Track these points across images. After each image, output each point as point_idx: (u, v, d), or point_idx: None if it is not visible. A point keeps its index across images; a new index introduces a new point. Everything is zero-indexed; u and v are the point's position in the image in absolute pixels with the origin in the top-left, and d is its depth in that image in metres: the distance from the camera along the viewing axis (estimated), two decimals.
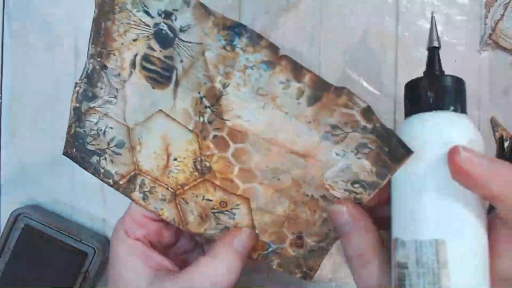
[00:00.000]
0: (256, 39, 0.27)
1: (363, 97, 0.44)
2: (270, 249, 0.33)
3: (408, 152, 0.27)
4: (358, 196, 0.29)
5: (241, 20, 0.44)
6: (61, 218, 0.45)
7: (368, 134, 0.28)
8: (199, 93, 0.30)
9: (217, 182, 0.32)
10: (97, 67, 0.32)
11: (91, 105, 0.34)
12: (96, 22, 0.32)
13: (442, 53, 0.45)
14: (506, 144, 0.45)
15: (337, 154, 0.29)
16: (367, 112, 0.28)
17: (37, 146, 0.45)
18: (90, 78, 0.33)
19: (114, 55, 0.31)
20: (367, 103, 0.28)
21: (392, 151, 0.27)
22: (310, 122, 0.28)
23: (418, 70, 0.45)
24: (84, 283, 0.43)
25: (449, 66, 0.44)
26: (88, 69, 0.33)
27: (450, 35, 0.45)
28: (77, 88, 0.34)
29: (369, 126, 0.28)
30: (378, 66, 0.45)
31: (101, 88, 0.33)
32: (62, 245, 0.42)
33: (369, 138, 0.28)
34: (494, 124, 0.45)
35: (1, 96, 0.45)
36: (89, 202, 0.45)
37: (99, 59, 0.32)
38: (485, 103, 0.45)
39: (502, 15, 0.44)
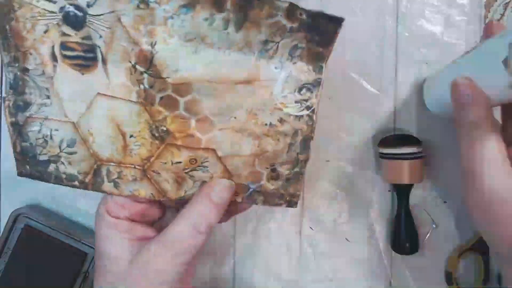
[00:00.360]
0: None
1: (363, 97, 0.44)
2: (251, 189, 0.34)
3: (338, 22, 0.28)
4: (308, 103, 0.31)
5: None
6: (61, 218, 0.45)
7: (295, 34, 0.28)
8: (130, 61, 0.29)
9: (179, 142, 0.31)
10: (18, 73, 0.31)
11: (27, 114, 0.32)
12: (0, 28, 0.30)
13: (442, 53, 0.45)
14: None
15: (276, 68, 0.30)
16: (291, 11, 0.28)
17: None
18: (15, 88, 0.31)
19: (31, 54, 0.30)
20: (288, 1, 0.27)
21: (323, 33, 0.28)
22: (243, 47, 0.29)
23: (418, 70, 0.45)
24: (84, 283, 0.43)
25: None
26: (9, 79, 0.31)
27: (450, 35, 0.45)
28: (6, 102, 0.32)
29: (295, 25, 0.28)
30: (378, 66, 0.45)
31: (30, 94, 0.31)
32: (62, 245, 0.42)
33: (297, 38, 0.29)
34: None
35: (1, 96, 0.45)
36: (89, 202, 0.45)
37: (17, 64, 0.30)
38: None
39: (502, 15, 0.44)
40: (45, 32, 0.29)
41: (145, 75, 0.29)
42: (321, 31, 0.29)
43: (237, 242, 0.45)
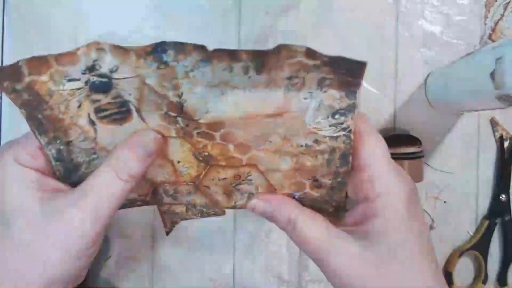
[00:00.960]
0: (180, 47, 0.28)
1: (364, 97, 0.44)
2: (296, 197, 0.35)
3: (361, 64, 0.28)
4: (344, 125, 0.31)
5: (241, 20, 0.45)
6: None
7: (321, 68, 0.28)
8: (162, 110, 0.31)
9: (223, 163, 0.34)
10: (61, 147, 0.33)
11: (79, 173, 0.34)
12: (32, 119, 0.31)
13: (442, 53, 0.45)
14: (506, 144, 0.45)
15: (305, 98, 0.30)
16: (310, 52, 0.28)
17: None
18: (61, 159, 0.33)
19: (71, 128, 0.32)
20: (304, 45, 0.27)
21: (348, 70, 0.28)
22: (269, 84, 0.29)
23: (418, 70, 0.45)
24: (84, 281, 0.42)
25: None
26: (52, 154, 0.32)
27: (450, 35, 0.45)
28: (57, 173, 0.33)
29: (317, 62, 0.28)
30: (378, 65, 0.45)
31: (77, 157, 0.33)
32: None
33: (324, 71, 0.28)
34: (493, 124, 0.45)
35: (1, 96, 0.45)
36: None
37: (58, 141, 0.32)
38: None
39: (502, 15, 0.44)
40: (79, 107, 0.31)
41: (179, 118, 0.31)
42: (346, 68, 0.28)
43: (237, 242, 0.45)
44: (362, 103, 0.45)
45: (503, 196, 0.44)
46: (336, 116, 0.30)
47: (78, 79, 0.30)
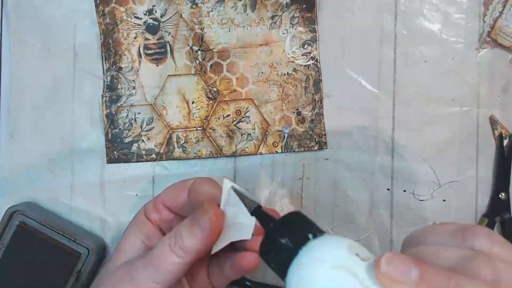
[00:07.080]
0: None
1: (362, 95, 0.44)
2: (286, 135, 0.44)
3: None
4: (311, 54, 0.44)
5: None
6: (57, 217, 0.44)
7: (290, 7, 0.44)
8: (189, 45, 0.44)
9: (227, 98, 0.44)
10: (114, 73, 0.44)
11: (118, 104, 0.44)
12: (104, 43, 0.44)
13: (441, 51, 0.45)
14: (505, 142, 0.45)
15: (283, 33, 0.44)
16: None
17: (35, 146, 0.45)
18: (111, 87, 0.44)
19: (125, 55, 0.44)
20: None
21: (307, 0, 0.44)
22: (259, 22, 0.44)
23: (416, 68, 0.45)
24: (76, 283, 0.42)
25: (448, 64, 0.45)
26: (107, 82, 0.44)
27: (449, 33, 0.45)
28: (104, 98, 0.44)
29: (288, 0, 0.44)
30: (376, 64, 0.45)
31: (121, 88, 0.44)
32: (56, 244, 0.42)
33: (292, 10, 0.44)
34: (493, 122, 0.45)
35: None
36: (88, 202, 0.45)
37: (114, 67, 0.44)
38: (484, 101, 0.45)
39: (501, 13, 0.44)
40: (135, 38, 0.44)
41: (199, 52, 0.44)
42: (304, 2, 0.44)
43: None
44: (361, 102, 0.45)
45: (503, 194, 0.44)
46: (305, 47, 0.44)
47: (141, 18, 0.44)
